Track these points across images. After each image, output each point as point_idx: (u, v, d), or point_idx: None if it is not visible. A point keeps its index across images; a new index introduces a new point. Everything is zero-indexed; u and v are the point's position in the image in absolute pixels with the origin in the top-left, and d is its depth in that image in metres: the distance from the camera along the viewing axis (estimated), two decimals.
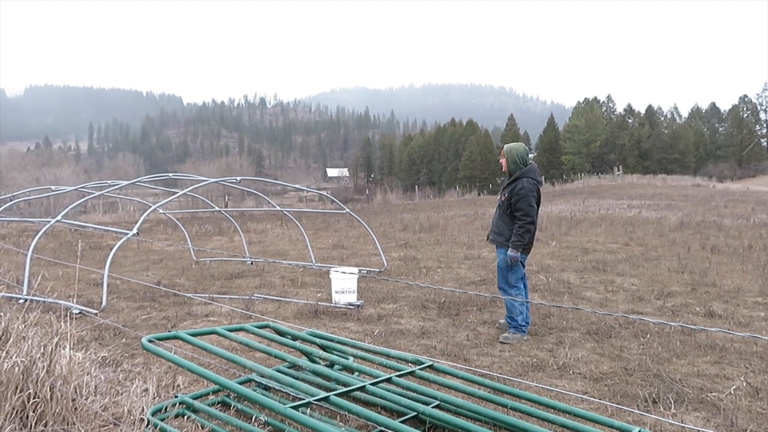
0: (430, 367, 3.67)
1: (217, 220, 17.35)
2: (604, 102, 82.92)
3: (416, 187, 42.23)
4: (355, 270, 7.16)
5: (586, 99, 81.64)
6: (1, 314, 4.04)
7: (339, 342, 4.24)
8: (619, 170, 56.21)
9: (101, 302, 6.57)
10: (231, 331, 4.30)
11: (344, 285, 6.91)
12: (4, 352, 3.53)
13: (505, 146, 5.76)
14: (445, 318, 6.40)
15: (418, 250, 12.01)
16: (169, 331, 4.83)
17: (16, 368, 3.39)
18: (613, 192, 32.47)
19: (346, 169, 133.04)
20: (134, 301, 7.22)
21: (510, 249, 5.46)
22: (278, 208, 10.41)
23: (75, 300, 7.01)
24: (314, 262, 9.91)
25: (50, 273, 9.33)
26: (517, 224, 5.46)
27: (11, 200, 8.90)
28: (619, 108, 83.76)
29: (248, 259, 10.30)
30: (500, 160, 5.78)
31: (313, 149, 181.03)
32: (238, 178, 8.74)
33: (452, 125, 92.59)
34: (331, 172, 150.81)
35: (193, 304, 6.97)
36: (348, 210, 9.72)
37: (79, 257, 6.71)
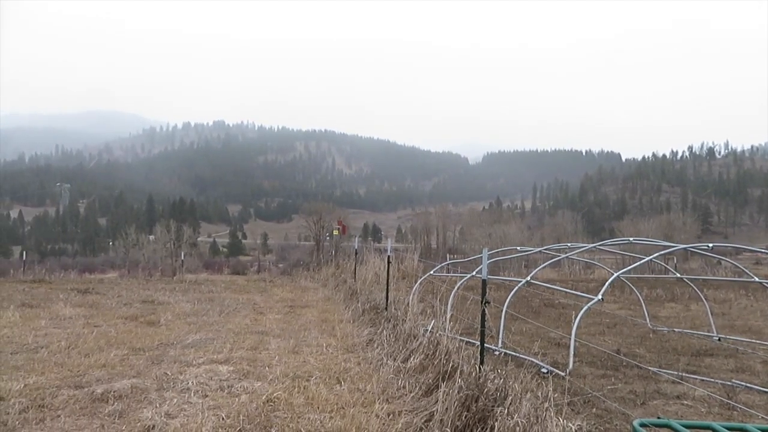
0: None
1: (667, 284, 16.18)
2: None
3: None
4: None
5: None
6: (499, 371, 4.50)
7: None
8: None
9: (568, 365, 6.73)
10: (728, 429, 3.76)
11: None
12: (506, 410, 3.88)
13: None
14: None
15: None
16: (657, 418, 4.53)
17: (517, 428, 3.67)
18: None
19: None
20: (596, 368, 7.18)
21: None
22: (756, 279, 8.90)
23: (540, 358, 7.41)
24: None
25: (513, 327, 10.15)
26: None
27: (488, 259, 10.06)
28: None
29: (715, 335, 9.13)
30: None
31: None
32: (710, 245, 7.89)
33: None
34: None
35: (659, 380, 6.50)
36: None
37: (536, 314, 7.05)
